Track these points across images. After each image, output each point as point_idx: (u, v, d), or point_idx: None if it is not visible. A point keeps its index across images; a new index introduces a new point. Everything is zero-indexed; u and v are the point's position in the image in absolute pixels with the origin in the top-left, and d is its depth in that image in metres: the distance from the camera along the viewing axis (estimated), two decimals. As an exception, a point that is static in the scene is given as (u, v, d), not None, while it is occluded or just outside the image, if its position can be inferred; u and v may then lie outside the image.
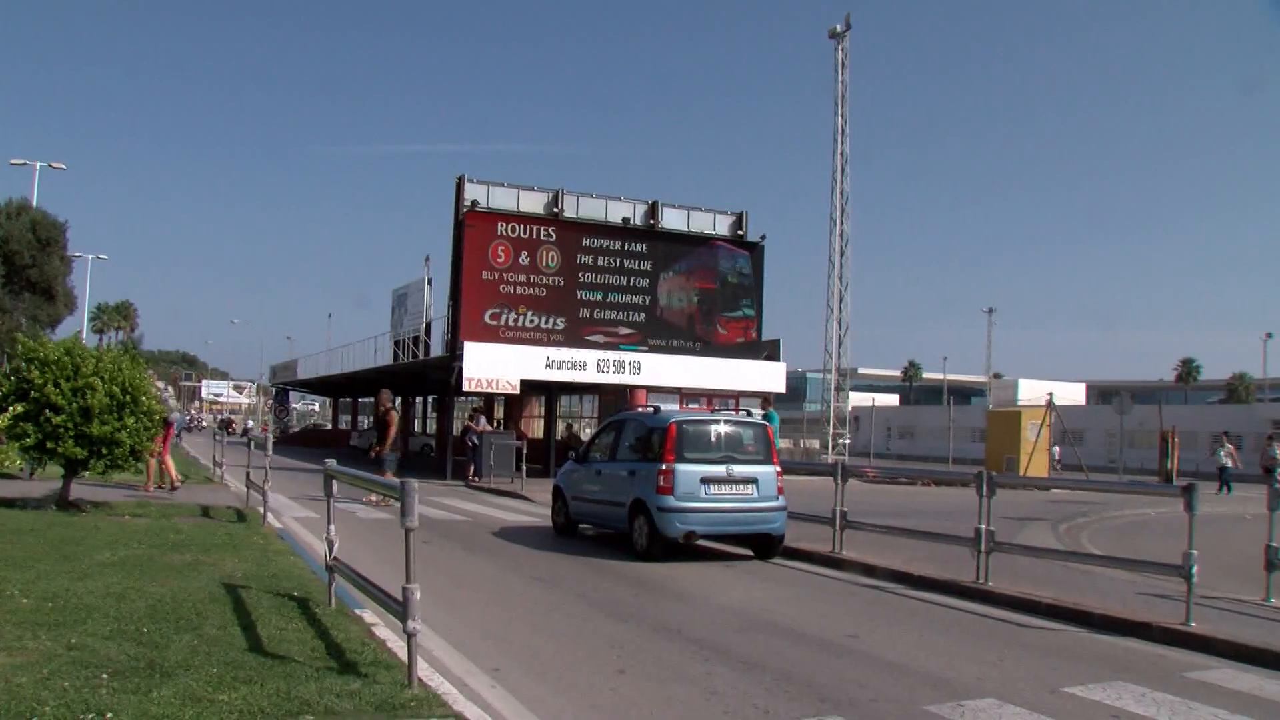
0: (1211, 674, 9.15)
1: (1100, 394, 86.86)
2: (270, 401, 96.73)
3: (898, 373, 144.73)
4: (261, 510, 18.26)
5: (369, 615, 9.53)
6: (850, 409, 60.38)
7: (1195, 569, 10.87)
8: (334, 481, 10.16)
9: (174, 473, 22.86)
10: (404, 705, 6.64)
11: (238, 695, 6.55)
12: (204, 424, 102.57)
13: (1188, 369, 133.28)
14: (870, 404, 75.62)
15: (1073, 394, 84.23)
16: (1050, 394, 52.86)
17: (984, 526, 13.27)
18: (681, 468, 15.38)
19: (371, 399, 67.71)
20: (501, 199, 35.40)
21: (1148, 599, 12.31)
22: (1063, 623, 11.49)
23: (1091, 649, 10.23)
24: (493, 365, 32.50)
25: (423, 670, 7.40)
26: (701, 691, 7.90)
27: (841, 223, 49.22)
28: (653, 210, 37.84)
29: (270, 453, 18.99)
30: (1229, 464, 37.31)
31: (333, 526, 10.18)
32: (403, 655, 7.51)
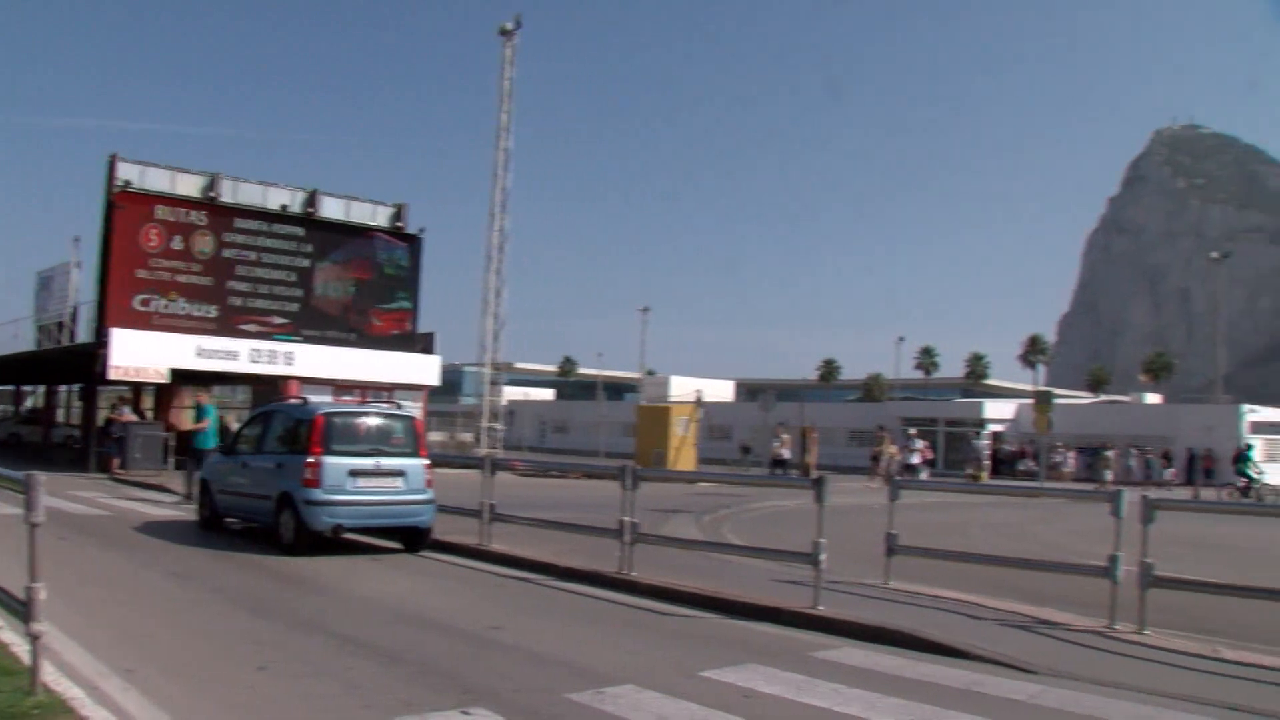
0: (835, 653, 9.72)
1: (749, 391, 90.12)
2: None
3: (554, 368, 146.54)
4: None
5: (-9, 618, 9.05)
6: (505, 403, 60.66)
7: (823, 556, 11.53)
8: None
9: None
10: (27, 713, 6.37)
11: None
12: None
13: (829, 369, 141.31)
14: (524, 398, 76.24)
15: (722, 391, 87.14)
16: (699, 391, 54.64)
17: (628, 519, 13.65)
18: (329, 460, 15.19)
19: (12, 387, 63.93)
20: (156, 180, 33.86)
21: (781, 585, 12.92)
22: (702, 610, 11.95)
23: (728, 634, 10.69)
24: (141, 353, 31.21)
25: (49, 674, 7.12)
26: (342, 685, 7.87)
27: (501, 218, 49.34)
28: (312, 198, 37.06)
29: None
30: (786, 454, 39.23)
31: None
32: (27, 659, 7.18)
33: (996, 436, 65.01)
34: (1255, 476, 40.77)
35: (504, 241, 49.18)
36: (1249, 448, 42.89)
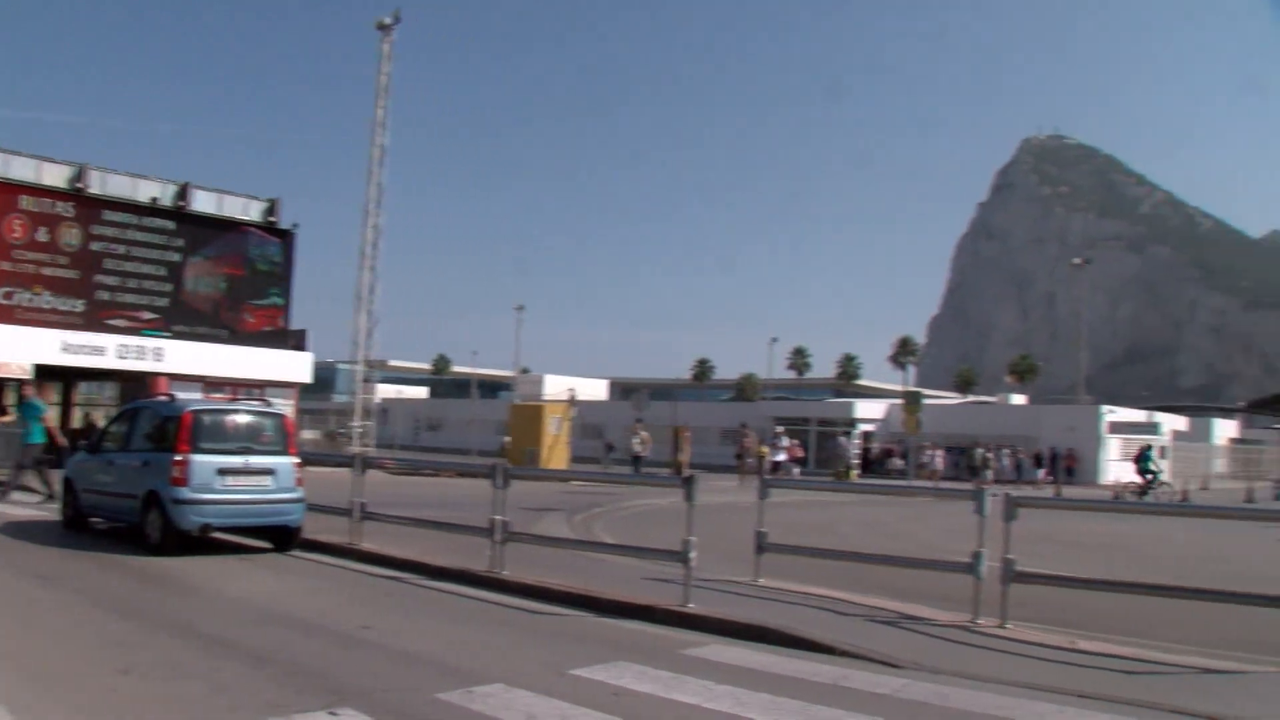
0: (705, 650, 9.81)
1: (623, 390, 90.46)
2: None
3: (429, 366, 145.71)
4: None
5: None
6: (379, 401, 60.17)
7: (693, 554, 11.65)
8: None
9: None
10: None
11: None
12: None
13: (703, 369, 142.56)
14: (397, 395, 75.66)
15: (596, 390, 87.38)
16: (572, 389, 54.63)
17: (499, 517, 13.67)
18: (197, 458, 14.94)
19: None
20: (21, 169, 33.16)
21: (653, 583, 12.99)
22: (573, 608, 11.97)
23: (599, 632, 10.73)
24: (3, 347, 30.54)
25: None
26: (208, 687, 7.75)
27: (376, 214, 48.90)
28: (183, 192, 36.62)
29: None
30: (644, 452, 39.09)
31: None
32: None
33: (867, 436, 66.12)
34: (1156, 471, 42.67)
35: (378, 238, 48.79)
36: (1148, 448, 44.85)
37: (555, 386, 74.12)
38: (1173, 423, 74.36)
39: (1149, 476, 41.68)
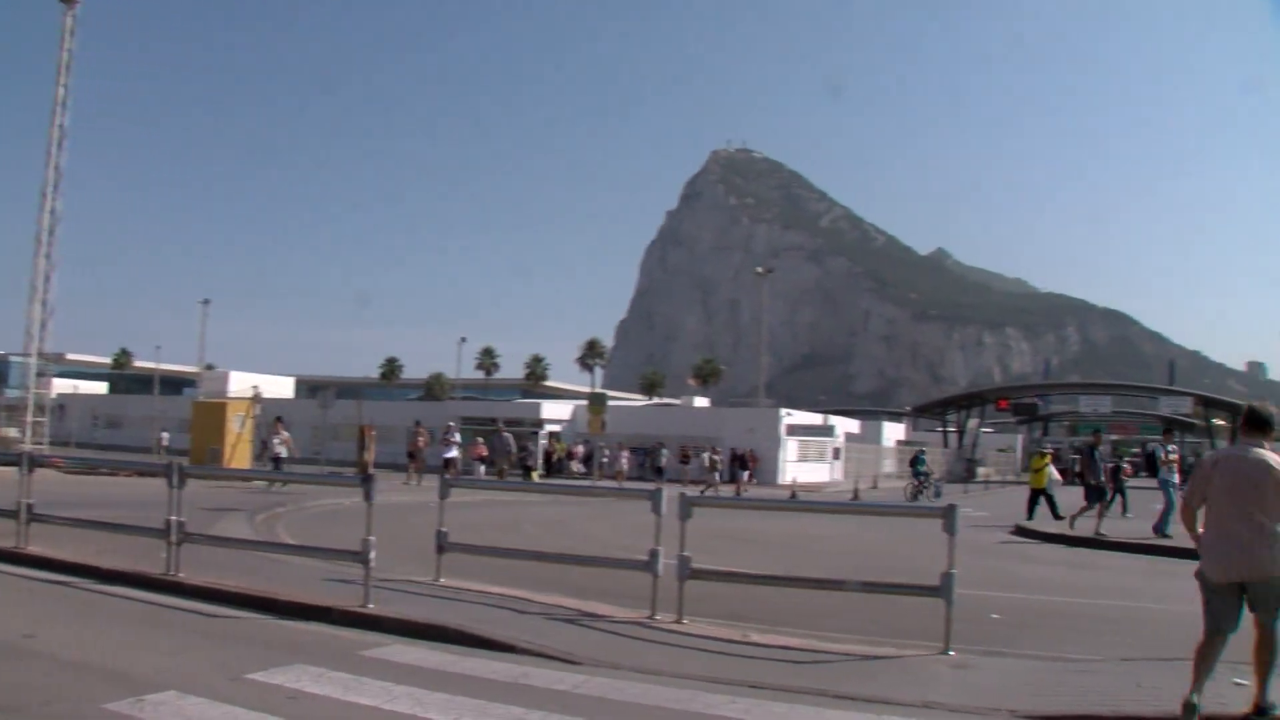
0: (385, 650, 9.81)
1: (310, 388, 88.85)
2: None
3: (109, 360, 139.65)
4: None
5: None
6: (54, 396, 57.39)
7: (373, 554, 11.65)
8: None
9: None
10: None
11: None
12: None
13: (391, 367, 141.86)
14: (74, 391, 72.42)
15: (282, 388, 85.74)
16: (256, 386, 53.37)
17: (174, 517, 13.28)
18: None
19: None
20: None
21: (332, 584, 12.86)
22: (250, 610, 11.75)
23: (276, 635, 10.57)
24: None
25: None
26: None
27: (54, 199, 46.58)
28: None
29: None
30: (283, 452, 38.02)
31: None
32: None
33: (553, 436, 67.08)
34: (928, 474, 47.04)
35: (56, 224, 46.55)
36: (922, 452, 48.82)
37: (240, 384, 72.10)
38: (847, 425, 78.00)
39: (924, 476, 44.99)
